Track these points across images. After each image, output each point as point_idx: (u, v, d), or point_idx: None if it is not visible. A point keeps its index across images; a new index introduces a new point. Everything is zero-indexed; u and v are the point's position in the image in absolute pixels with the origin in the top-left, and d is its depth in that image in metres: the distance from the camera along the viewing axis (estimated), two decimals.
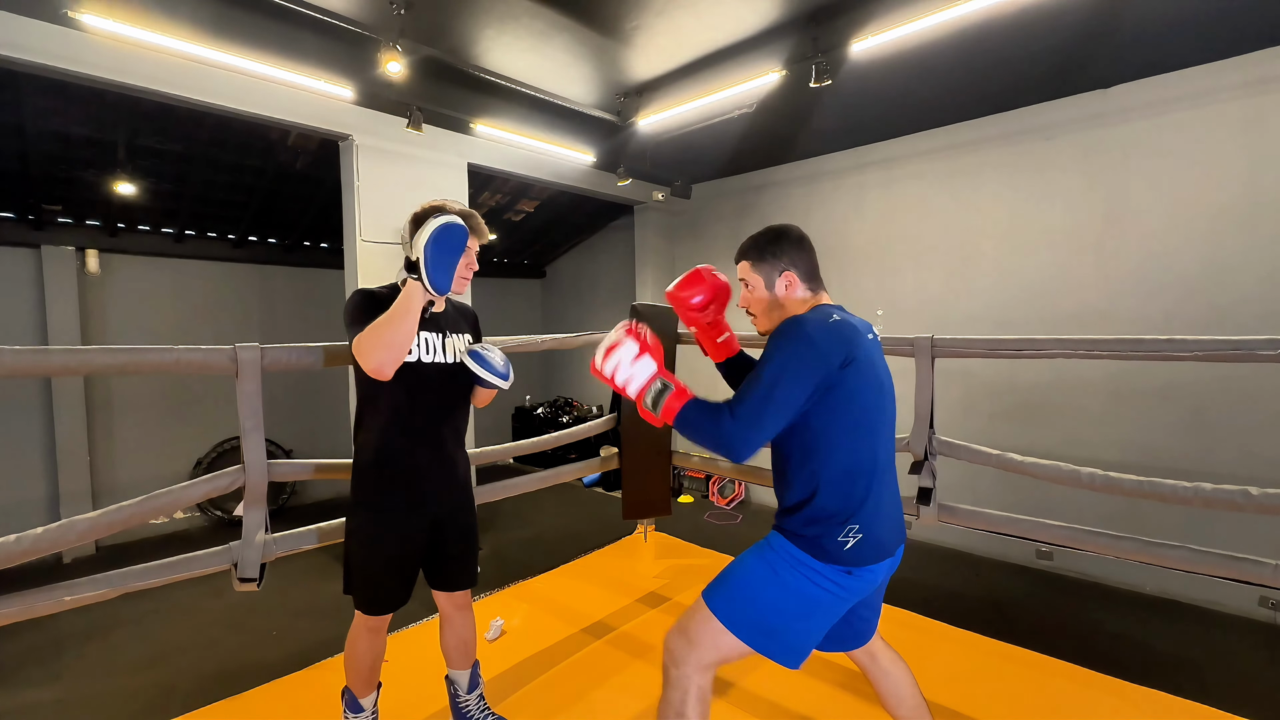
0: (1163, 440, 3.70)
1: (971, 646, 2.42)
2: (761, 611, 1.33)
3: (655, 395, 1.37)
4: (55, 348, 1.71)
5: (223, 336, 5.09)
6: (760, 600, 1.33)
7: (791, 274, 1.45)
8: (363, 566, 1.65)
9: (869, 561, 1.32)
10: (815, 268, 1.49)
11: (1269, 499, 1.76)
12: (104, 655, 3.36)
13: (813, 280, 1.48)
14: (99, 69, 2.92)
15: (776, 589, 1.33)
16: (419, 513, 1.68)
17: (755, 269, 1.48)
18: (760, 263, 1.47)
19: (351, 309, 1.58)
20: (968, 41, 3.15)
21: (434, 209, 1.62)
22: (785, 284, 1.45)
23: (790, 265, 1.45)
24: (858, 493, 1.33)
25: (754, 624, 1.33)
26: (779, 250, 1.46)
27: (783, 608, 1.32)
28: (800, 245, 1.48)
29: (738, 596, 1.36)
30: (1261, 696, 2.73)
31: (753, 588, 1.35)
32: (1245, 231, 3.45)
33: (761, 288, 1.47)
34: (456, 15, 3.02)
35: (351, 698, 1.76)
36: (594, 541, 3.57)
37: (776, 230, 1.49)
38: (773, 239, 1.47)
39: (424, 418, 1.67)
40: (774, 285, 1.46)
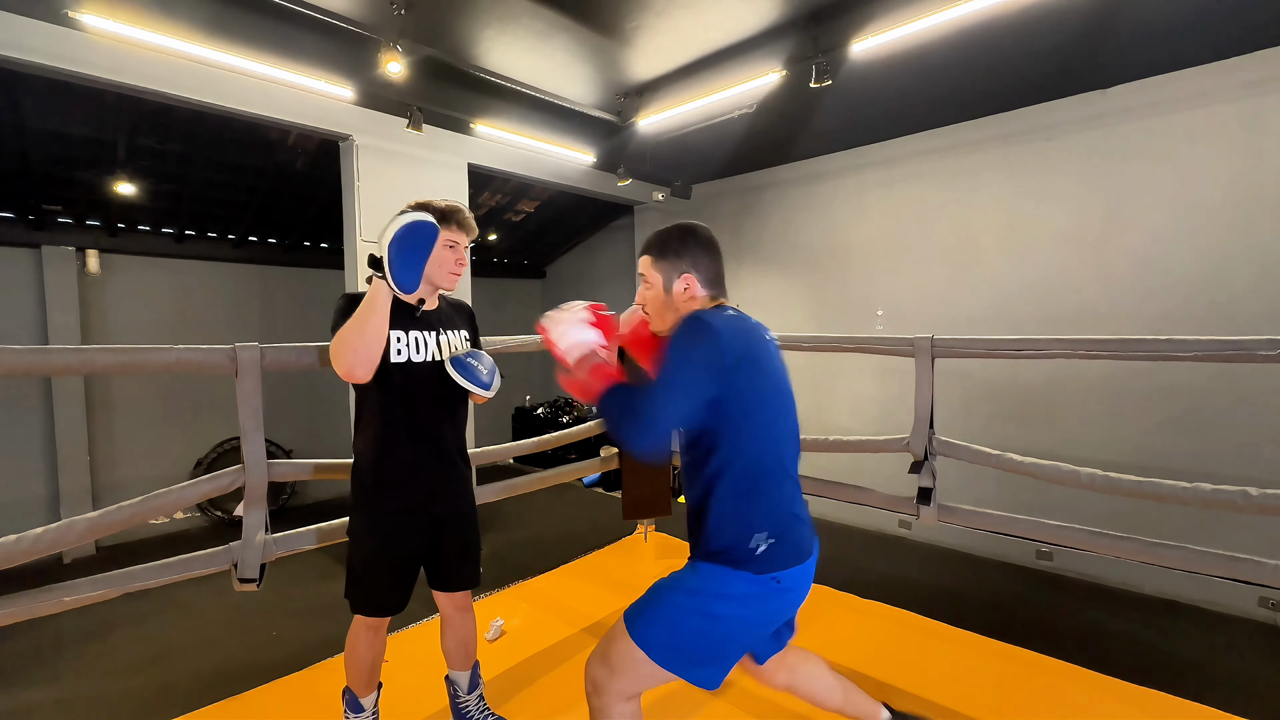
0: (1162, 440, 3.70)
1: (971, 646, 2.42)
2: (687, 639, 1.27)
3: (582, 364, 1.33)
4: (55, 347, 1.71)
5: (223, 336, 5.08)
6: (685, 628, 1.27)
7: (691, 276, 1.38)
8: (364, 569, 1.64)
9: (790, 564, 1.27)
10: (719, 273, 1.41)
11: (1268, 499, 1.76)
12: (104, 655, 3.36)
13: (714, 286, 1.40)
14: (99, 69, 2.92)
15: (702, 616, 1.26)
16: (419, 514, 1.67)
17: (655, 266, 1.41)
18: (661, 260, 1.40)
19: (334, 314, 1.56)
20: (968, 41, 3.15)
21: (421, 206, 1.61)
22: (684, 286, 1.38)
23: (692, 268, 1.38)
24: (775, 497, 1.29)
25: (677, 652, 1.26)
26: (682, 250, 1.39)
27: (710, 633, 1.27)
28: (707, 248, 1.40)
29: (662, 624, 1.28)
30: (1261, 696, 2.73)
31: (678, 615, 1.28)
32: (1245, 231, 3.45)
33: (659, 286, 1.40)
34: (456, 15, 3.02)
35: (352, 698, 1.76)
36: (594, 541, 3.56)
37: (684, 229, 1.42)
38: (678, 237, 1.40)
39: (420, 417, 1.66)
40: (671, 286, 1.39)
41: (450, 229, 1.64)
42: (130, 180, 4.49)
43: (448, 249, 1.64)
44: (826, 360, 4.99)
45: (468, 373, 1.66)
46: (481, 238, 6.94)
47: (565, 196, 6.01)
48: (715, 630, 1.27)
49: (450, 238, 1.64)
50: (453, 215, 1.65)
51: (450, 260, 1.65)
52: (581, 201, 6.27)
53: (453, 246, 1.65)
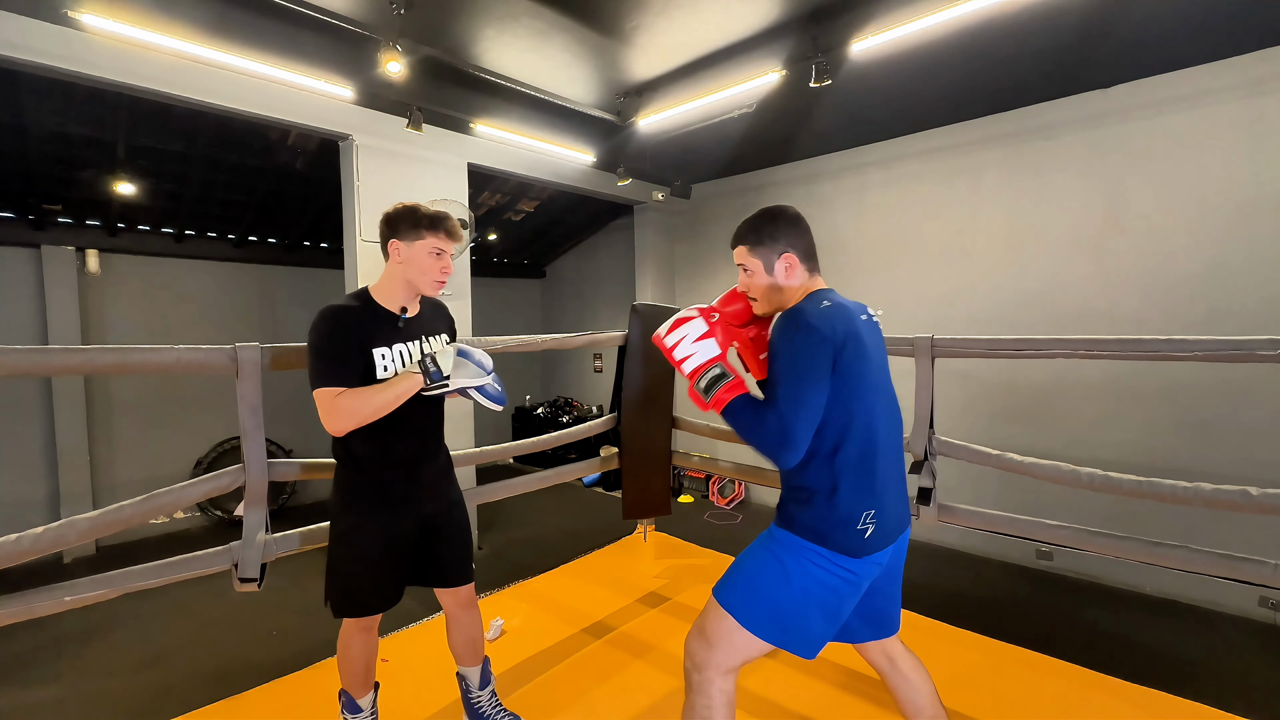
0: (1162, 440, 3.70)
1: (971, 646, 2.42)
2: (774, 604, 1.31)
3: (710, 380, 1.35)
4: (55, 348, 1.71)
5: (223, 336, 5.09)
6: (771, 593, 1.32)
7: (791, 255, 1.42)
8: (351, 571, 1.63)
9: (879, 548, 1.31)
10: (812, 248, 1.46)
11: (1268, 499, 1.76)
12: (104, 655, 3.36)
13: (810, 260, 1.45)
14: (99, 69, 2.92)
15: (786, 581, 1.31)
16: (408, 512, 1.66)
17: (753, 253, 1.44)
18: (758, 246, 1.44)
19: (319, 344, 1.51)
20: (968, 41, 3.14)
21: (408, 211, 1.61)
22: (785, 266, 1.42)
23: (789, 247, 1.42)
24: (873, 478, 1.32)
25: (768, 618, 1.31)
26: (776, 232, 1.43)
27: (795, 598, 1.31)
28: (796, 225, 1.45)
29: (748, 591, 1.34)
30: (1261, 696, 2.73)
31: (763, 581, 1.34)
32: (1245, 231, 3.45)
33: (761, 272, 1.44)
34: (456, 15, 3.02)
35: (349, 699, 1.75)
36: (594, 541, 3.56)
37: (773, 211, 1.46)
38: (769, 220, 1.44)
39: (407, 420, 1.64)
40: (774, 268, 1.43)
41: (438, 236, 1.62)
42: (130, 180, 4.49)
43: (434, 256, 1.62)
44: None
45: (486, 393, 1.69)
46: (481, 238, 6.94)
47: (565, 196, 6.01)
48: (803, 596, 1.30)
49: (437, 245, 1.62)
50: (441, 222, 1.62)
51: (436, 268, 1.63)
52: (581, 201, 6.27)
53: (439, 254, 1.63)
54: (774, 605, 1.31)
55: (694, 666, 1.35)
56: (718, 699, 1.32)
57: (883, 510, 1.32)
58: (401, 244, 1.61)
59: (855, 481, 1.30)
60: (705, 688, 1.33)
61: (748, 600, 1.33)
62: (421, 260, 1.61)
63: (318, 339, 1.52)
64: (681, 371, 1.41)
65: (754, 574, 1.36)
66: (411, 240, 1.60)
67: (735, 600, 1.34)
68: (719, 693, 1.32)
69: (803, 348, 1.26)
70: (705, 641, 1.35)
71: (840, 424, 1.29)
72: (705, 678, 1.33)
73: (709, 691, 1.32)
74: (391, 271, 1.63)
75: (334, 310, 1.56)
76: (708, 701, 1.32)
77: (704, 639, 1.35)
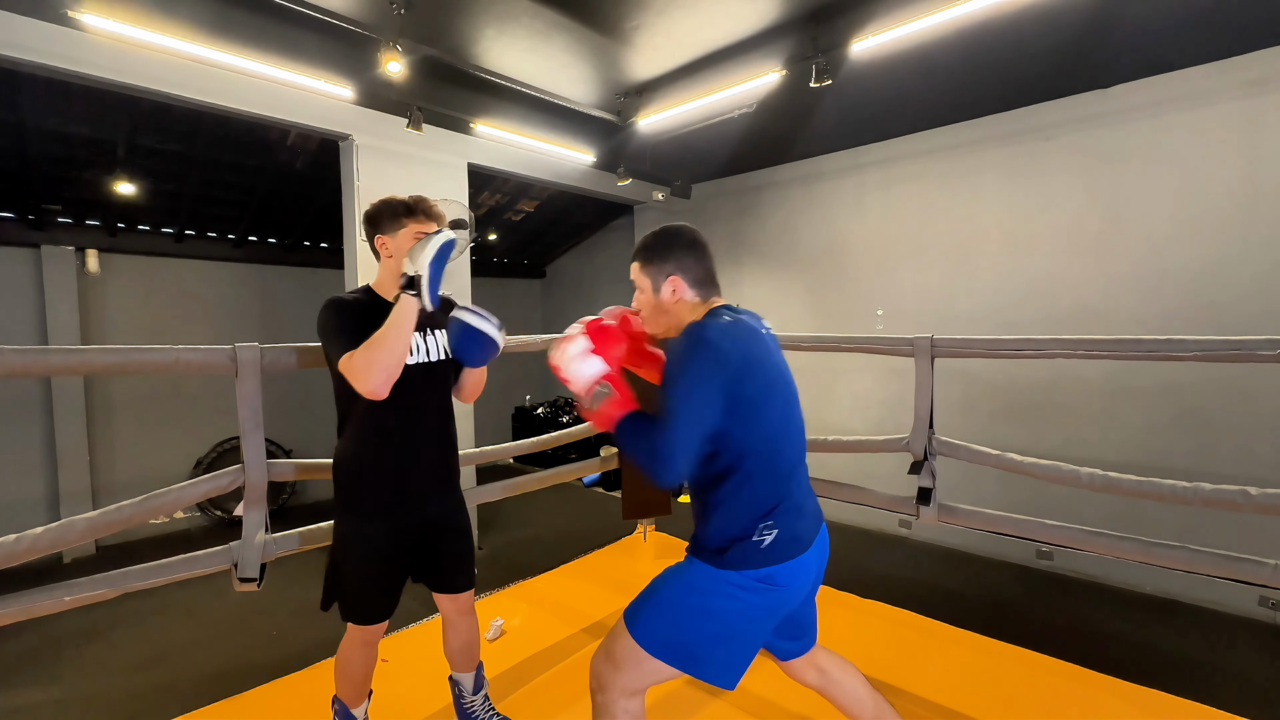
0: (1162, 440, 3.70)
1: (971, 646, 2.42)
2: (685, 636, 1.27)
3: (595, 398, 1.32)
4: (55, 348, 1.71)
5: (223, 336, 5.09)
6: (683, 624, 1.27)
7: (678, 279, 1.38)
8: (352, 576, 1.60)
9: (787, 557, 1.26)
10: (708, 273, 1.41)
11: (1268, 499, 1.76)
12: (104, 655, 3.36)
13: (703, 286, 1.40)
14: (99, 69, 2.92)
15: (699, 613, 1.27)
16: (409, 516, 1.64)
17: (643, 271, 1.42)
18: (648, 265, 1.41)
19: (331, 324, 1.52)
20: (967, 41, 3.15)
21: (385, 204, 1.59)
22: (671, 288, 1.38)
23: (677, 269, 1.38)
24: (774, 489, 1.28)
25: (678, 649, 1.27)
26: (668, 254, 1.39)
27: (707, 630, 1.26)
28: (692, 249, 1.40)
29: (659, 621, 1.29)
30: (1261, 696, 2.73)
31: (674, 611, 1.29)
32: (1244, 231, 3.45)
33: (649, 291, 1.41)
34: (456, 15, 3.02)
35: (342, 707, 1.73)
36: (594, 541, 3.56)
37: (669, 232, 1.43)
38: (664, 241, 1.41)
39: (409, 419, 1.63)
40: (660, 289, 1.39)
41: (419, 220, 1.59)
42: (130, 180, 4.49)
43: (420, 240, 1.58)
44: (826, 360, 4.98)
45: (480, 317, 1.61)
46: (481, 237, 6.94)
47: (565, 196, 6.02)
48: (713, 625, 1.27)
49: (420, 229, 1.59)
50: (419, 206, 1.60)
51: None
52: (581, 201, 6.27)
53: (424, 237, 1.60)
54: (683, 634, 1.27)
55: (598, 687, 1.32)
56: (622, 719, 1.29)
57: (786, 519, 1.28)
58: (387, 238, 1.59)
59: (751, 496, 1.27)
60: (609, 708, 1.29)
61: (656, 628, 1.29)
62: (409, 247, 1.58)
63: (325, 320, 1.53)
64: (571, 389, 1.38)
65: (664, 601, 1.31)
66: (395, 231, 1.59)
67: (643, 627, 1.29)
68: (623, 713, 1.29)
69: (694, 365, 1.22)
70: (612, 664, 1.31)
71: (737, 443, 1.26)
72: (609, 698, 1.30)
73: (613, 713, 1.29)
74: (386, 267, 1.62)
75: (338, 298, 1.57)
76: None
77: (610, 661, 1.31)
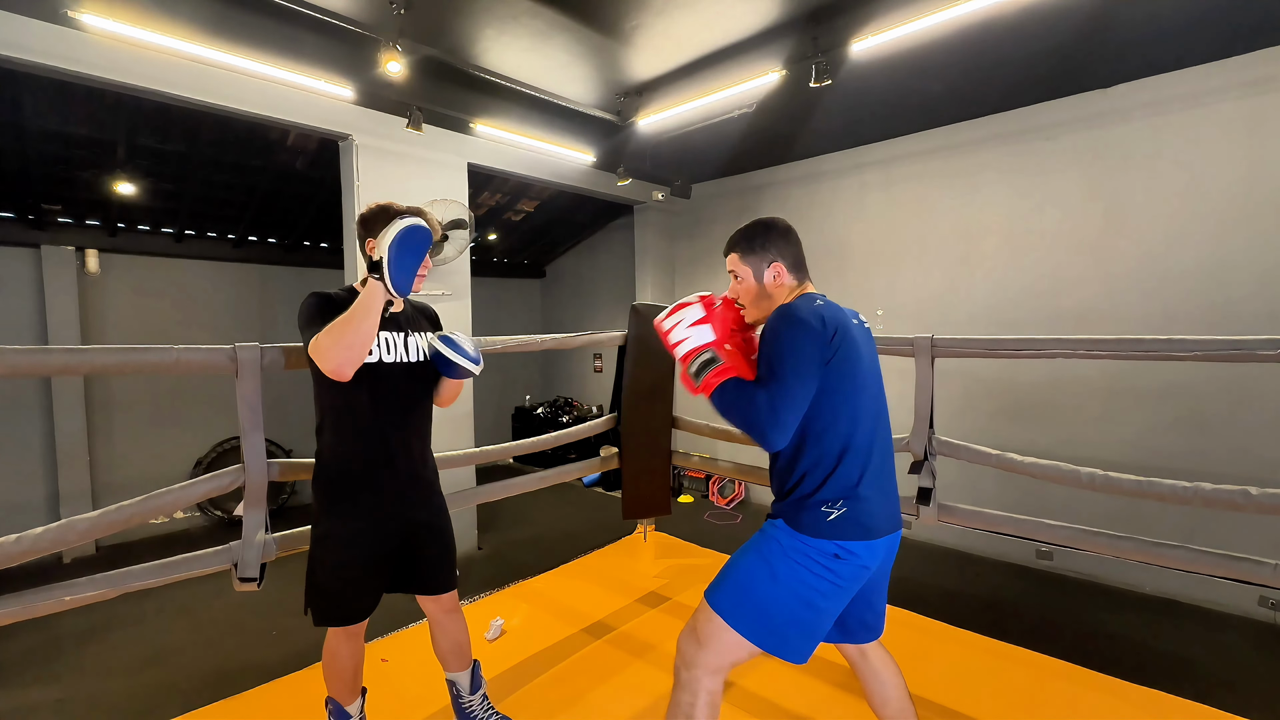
0: (1162, 440, 3.70)
1: (971, 646, 2.42)
2: (763, 607, 1.34)
3: (701, 364, 1.40)
4: (55, 348, 1.71)
5: (223, 336, 5.10)
6: (760, 596, 1.34)
7: (779, 265, 1.49)
8: (334, 576, 1.60)
9: (853, 537, 1.32)
10: (801, 258, 1.53)
11: (1268, 499, 1.76)
12: (104, 655, 3.36)
13: (799, 270, 1.52)
14: (99, 69, 2.92)
15: (773, 582, 1.34)
16: (390, 516, 1.64)
17: (744, 260, 1.52)
18: (749, 254, 1.51)
19: (307, 311, 1.55)
20: (968, 41, 3.14)
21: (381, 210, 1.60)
22: (774, 274, 1.49)
23: (778, 256, 1.49)
24: (848, 473, 1.34)
25: (757, 621, 1.34)
26: (767, 242, 1.50)
27: (782, 601, 1.33)
28: (787, 237, 1.52)
29: (738, 593, 1.37)
30: (1261, 696, 2.73)
31: (751, 583, 1.36)
32: (1244, 231, 3.45)
33: (750, 279, 1.51)
34: (456, 15, 3.01)
35: (336, 706, 1.73)
36: (594, 541, 3.57)
37: (764, 223, 1.54)
38: (761, 231, 1.52)
39: (388, 418, 1.63)
40: (763, 276, 1.50)
41: None
42: (130, 180, 4.49)
43: None
44: None
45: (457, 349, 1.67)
46: (481, 238, 6.94)
47: (565, 196, 6.01)
48: (788, 596, 1.33)
49: None
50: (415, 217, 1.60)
51: None
52: (581, 201, 6.27)
53: None
54: (763, 608, 1.34)
55: (684, 664, 1.39)
56: (703, 698, 1.35)
57: (858, 505, 1.33)
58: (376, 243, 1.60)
59: (829, 472, 1.34)
60: (692, 685, 1.36)
61: (737, 602, 1.36)
62: None
63: (304, 311, 1.55)
64: (675, 355, 1.46)
65: (743, 576, 1.39)
66: None
67: (724, 602, 1.37)
68: (705, 692, 1.35)
69: (794, 337, 1.31)
70: (696, 641, 1.38)
71: (824, 419, 1.34)
72: (693, 675, 1.36)
73: (695, 689, 1.35)
74: None
75: (322, 292, 1.60)
76: (692, 699, 1.35)
77: (695, 638, 1.39)
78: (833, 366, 1.32)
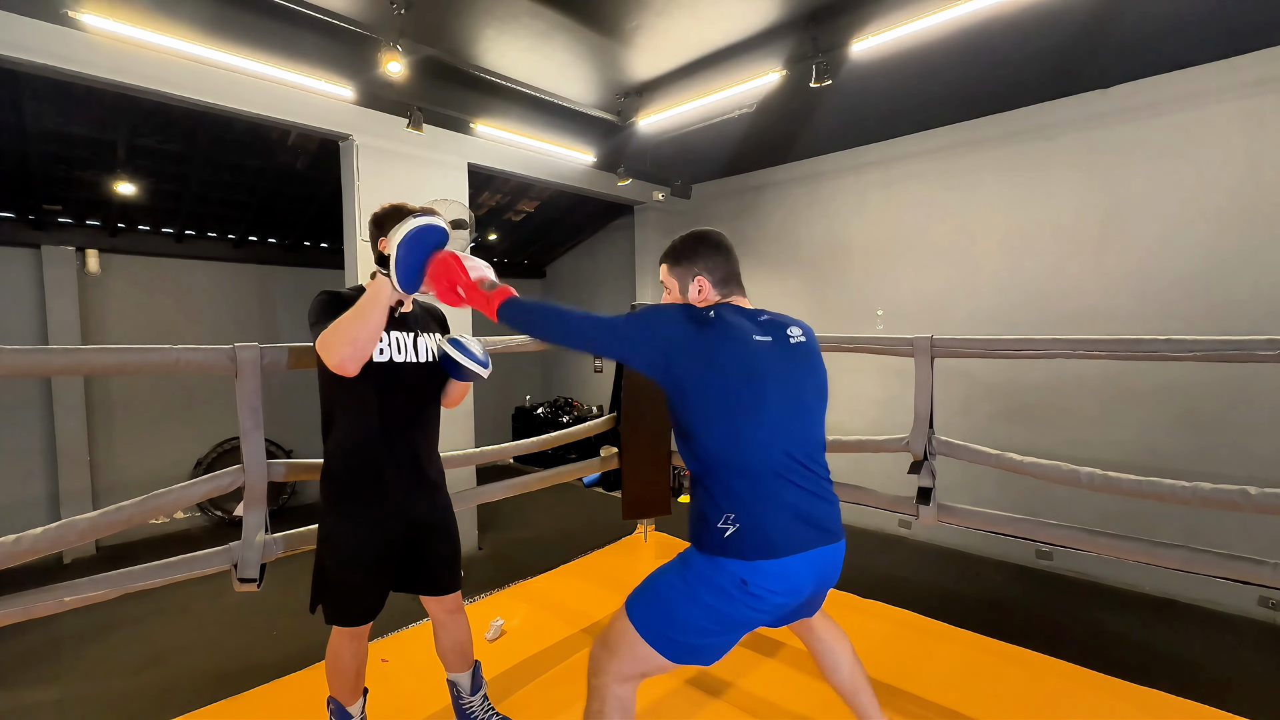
0: (1162, 440, 3.70)
1: (971, 646, 2.42)
2: (678, 627, 1.32)
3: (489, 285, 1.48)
4: (55, 348, 1.71)
5: (223, 336, 5.09)
6: (677, 615, 1.32)
7: (704, 279, 1.46)
8: (341, 576, 1.60)
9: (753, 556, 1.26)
10: (732, 273, 1.49)
11: (1268, 498, 1.75)
12: (104, 655, 3.36)
13: (726, 285, 1.48)
14: (99, 69, 2.92)
15: (692, 604, 1.31)
16: (396, 516, 1.64)
17: (671, 272, 1.51)
18: (676, 266, 1.50)
19: (317, 308, 1.55)
20: (968, 41, 3.15)
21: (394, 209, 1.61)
22: (697, 289, 1.47)
23: (704, 270, 1.46)
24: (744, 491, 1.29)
25: (671, 639, 1.32)
26: (695, 255, 1.48)
27: (699, 624, 1.31)
28: (717, 250, 1.48)
29: (656, 610, 1.35)
30: (1261, 696, 2.73)
31: (670, 602, 1.35)
32: (1244, 231, 3.45)
33: (676, 291, 1.50)
34: (456, 15, 3.02)
35: (338, 706, 1.73)
36: (594, 541, 3.56)
37: (696, 235, 1.51)
38: (691, 244, 1.49)
39: (396, 418, 1.63)
40: (687, 290, 1.48)
41: None
42: (130, 180, 4.49)
43: None
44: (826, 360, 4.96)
45: (467, 352, 1.67)
46: (481, 238, 6.94)
47: (565, 196, 6.01)
48: (706, 621, 1.31)
49: None
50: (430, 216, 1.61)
51: None
52: (581, 201, 6.27)
53: None
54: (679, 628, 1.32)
55: (592, 671, 1.37)
56: (612, 704, 1.34)
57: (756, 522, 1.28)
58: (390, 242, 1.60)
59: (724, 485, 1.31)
60: (600, 692, 1.35)
61: (652, 615, 1.34)
62: None
63: (317, 306, 1.56)
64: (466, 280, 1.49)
65: (664, 593, 1.37)
66: None
67: (641, 613, 1.35)
68: (614, 698, 1.34)
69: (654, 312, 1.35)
70: (607, 650, 1.36)
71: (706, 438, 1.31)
72: (602, 682, 1.35)
73: (603, 697, 1.34)
74: None
75: (332, 290, 1.60)
76: (601, 707, 1.34)
77: (606, 647, 1.37)
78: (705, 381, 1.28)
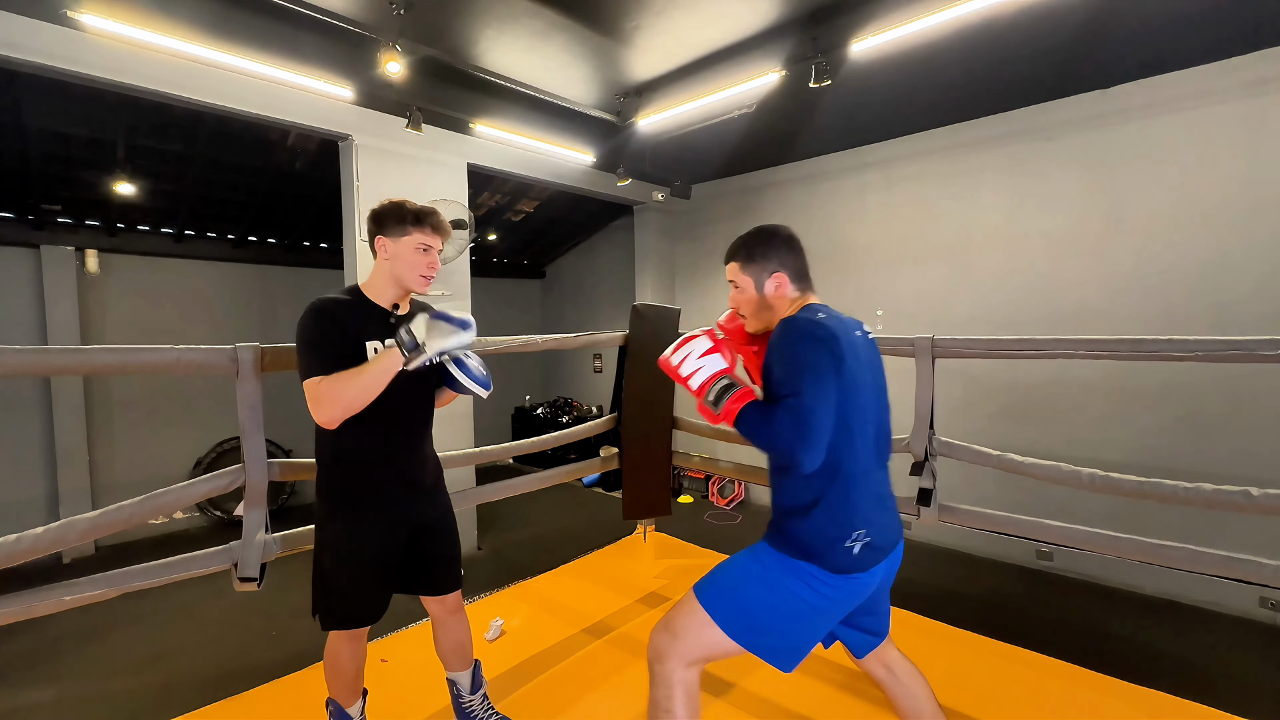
0: (1163, 440, 3.70)
1: (971, 646, 2.42)
2: (753, 610, 1.31)
3: (719, 392, 1.35)
4: (55, 348, 1.71)
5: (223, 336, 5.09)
6: (752, 598, 1.31)
7: (781, 275, 1.44)
8: (341, 580, 1.59)
9: (869, 566, 1.30)
10: (804, 268, 1.48)
11: (1269, 500, 1.76)
12: (103, 655, 3.36)
13: (801, 280, 1.47)
14: (99, 69, 2.92)
15: (770, 589, 1.30)
16: (396, 517, 1.63)
17: (745, 270, 1.47)
18: (749, 264, 1.46)
19: (307, 339, 1.49)
20: (968, 41, 3.14)
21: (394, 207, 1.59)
22: (775, 285, 1.44)
23: (780, 266, 1.44)
24: (865, 494, 1.31)
25: (745, 621, 1.31)
26: (769, 251, 1.45)
27: (775, 608, 1.30)
28: (790, 246, 1.47)
29: (729, 593, 1.34)
30: (1261, 696, 2.73)
31: (746, 585, 1.33)
32: (1245, 231, 3.45)
33: (751, 289, 1.47)
34: (456, 15, 3.02)
35: (337, 708, 1.72)
36: (594, 541, 3.56)
37: (766, 231, 1.49)
38: (762, 240, 1.47)
39: (393, 420, 1.61)
40: (764, 286, 1.45)
41: (424, 231, 1.60)
42: (130, 180, 4.48)
43: (420, 252, 1.60)
44: None
45: (469, 373, 1.64)
46: (481, 238, 6.94)
47: (565, 196, 6.01)
48: (782, 605, 1.30)
49: (424, 240, 1.59)
50: (427, 218, 1.60)
51: (423, 263, 1.61)
52: (581, 201, 6.27)
53: (426, 250, 1.60)
54: (752, 610, 1.31)
55: (656, 658, 1.35)
56: (680, 690, 1.31)
57: (873, 527, 1.31)
58: (388, 240, 1.59)
59: (846, 497, 1.29)
60: (666, 678, 1.32)
61: (726, 600, 1.33)
62: (408, 256, 1.59)
63: (304, 331, 1.51)
64: (690, 388, 1.40)
65: (737, 577, 1.36)
66: (398, 236, 1.58)
67: (713, 597, 1.34)
68: (680, 682, 1.31)
69: (803, 349, 1.27)
70: (670, 633, 1.35)
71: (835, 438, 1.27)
72: (666, 669, 1.32)
73: (670, 682, 1.32)
74: (380, 268, 1.62)
75: (322, 303, 1.55)
76: (669, 693, 1.31)
77: (669, 631, 1.35)
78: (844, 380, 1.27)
